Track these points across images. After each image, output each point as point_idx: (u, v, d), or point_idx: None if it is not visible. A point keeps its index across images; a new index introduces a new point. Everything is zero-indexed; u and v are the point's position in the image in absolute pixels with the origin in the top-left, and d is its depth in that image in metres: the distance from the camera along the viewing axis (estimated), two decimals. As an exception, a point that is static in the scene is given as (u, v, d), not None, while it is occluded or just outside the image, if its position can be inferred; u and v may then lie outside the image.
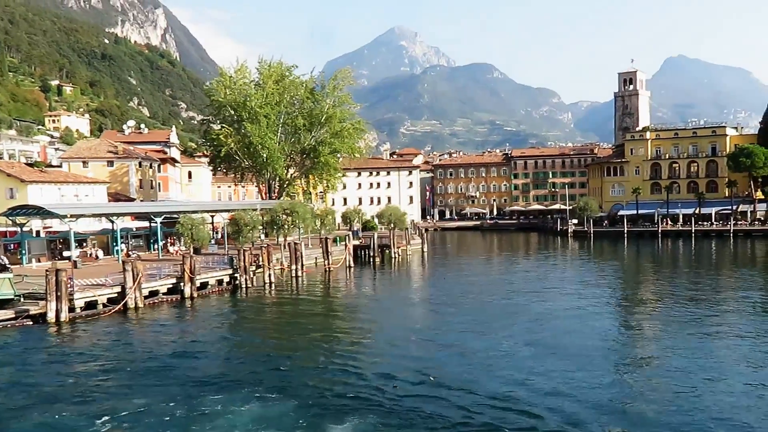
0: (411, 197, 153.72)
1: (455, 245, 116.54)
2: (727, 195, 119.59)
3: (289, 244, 64.92)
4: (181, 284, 48.66)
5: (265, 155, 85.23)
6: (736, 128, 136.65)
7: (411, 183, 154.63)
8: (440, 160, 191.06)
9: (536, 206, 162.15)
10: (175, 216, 66.25)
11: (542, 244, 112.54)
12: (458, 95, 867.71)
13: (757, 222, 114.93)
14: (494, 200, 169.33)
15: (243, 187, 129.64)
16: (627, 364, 31.02)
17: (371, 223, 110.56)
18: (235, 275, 55.16)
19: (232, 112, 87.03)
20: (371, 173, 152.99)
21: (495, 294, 53.61)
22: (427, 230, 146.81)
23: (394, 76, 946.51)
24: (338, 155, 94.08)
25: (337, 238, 78.96)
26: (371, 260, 77.81)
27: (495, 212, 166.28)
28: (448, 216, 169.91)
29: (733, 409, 23.73)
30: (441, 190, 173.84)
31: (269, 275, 57.80)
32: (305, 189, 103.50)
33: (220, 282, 54.32)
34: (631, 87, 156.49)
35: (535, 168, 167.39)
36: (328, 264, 68.02)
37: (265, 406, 24.80)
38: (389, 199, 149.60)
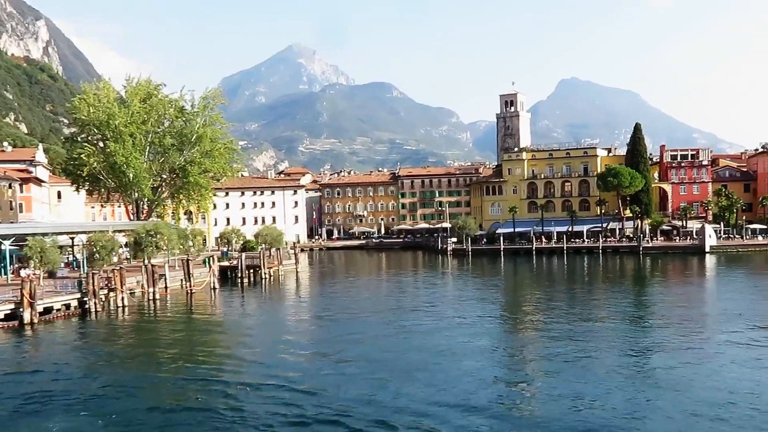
0: (296, 217, 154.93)
1: (336, 265, 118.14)
2: (598, 213, 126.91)
3: (146, 266, 64.47)
4: (20, 309, 47.82)
5: (131, 175, 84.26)
6: (610, 149, 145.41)
7: (296, 202, 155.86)
8: (329, 179, 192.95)
9: (423, 225, 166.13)
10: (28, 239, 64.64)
11: (423, 262, 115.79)
12: (358, 114, 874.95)
13: (624, 239, 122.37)
14: (382, 219, 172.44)
15: (119, 207, 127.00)
16: (499, 369, 33.26)
17: (251, 244, 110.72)
18: (85, 299, 54.53)
19: (96, 131, 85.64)
20: (255, 193, 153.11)
21: (360, 312, 55.18)
22: (312, 250, 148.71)
23: (292, 94, 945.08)
24: (210, 175, 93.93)
25: (206, 259, 79.03)
26: (240, 281, 78.28)
27: (383, 231, 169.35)
28: (336, 235, 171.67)
29: (607, 414, 25.80)
30: (329, 210, 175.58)
31: (122, 299, 57.40)
32: (175, 210, 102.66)
33: (67, 306, 53.55)
34: (512, 109, 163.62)
35: (422, 187, 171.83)
36: (190, 286, 68.01)
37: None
38: (274, 218, 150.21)
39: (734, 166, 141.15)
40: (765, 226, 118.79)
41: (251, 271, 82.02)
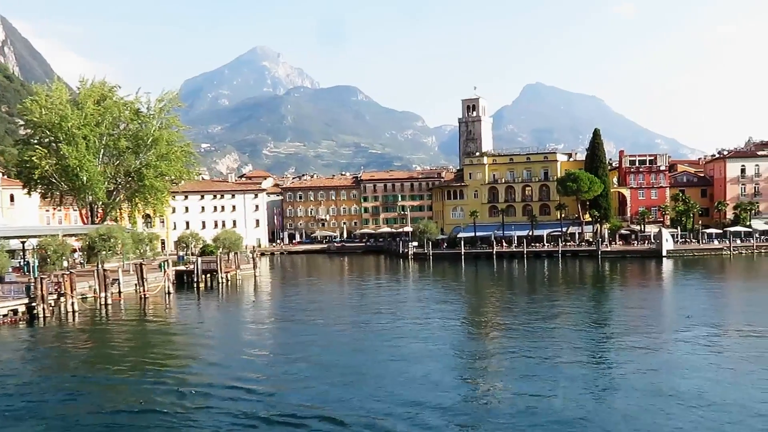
0: (258, 221, 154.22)
1: (297, 269, 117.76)
2: (558, 218, 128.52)
3: (97, 270, 63.73)
4: (-39, 315, 47.01)
5: (84, 178, 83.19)
6: (570, 154, 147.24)
7: (257, 206, 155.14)
8: (292, 182, 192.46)
9: (386, 229, 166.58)
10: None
11: (384, 266, 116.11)
12: (323, 117, 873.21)
13: (584, 243, 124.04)
14: (345, 223, 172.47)
15: (75, 210, 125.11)
16: (459, 371, 33.26)
17: (210, 248, 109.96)
18: (33, 304, 53.74)
19: (48, 133, 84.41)
20: (216, 196, 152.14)
21: (316, 316, 55.43)
22: (273, 254, 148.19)
23: (256, 97, 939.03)
24: (167, 178, 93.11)
25: (162, 263, 78.37)
26: (196, 286, 77.74)
27: (345, 235, 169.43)
28: (298, 239, 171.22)
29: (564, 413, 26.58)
30: (291, 214, 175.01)
31: (72, 304, 56.66)
32: (131, 213, 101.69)
33: (15, 312, 52.74)
34: (474, 113, 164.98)
35: (384, 191, 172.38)
36: (144, 291, 67.36)
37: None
38: (234, 222, 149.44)
39: (692, 172, 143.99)
40: (720, 231, 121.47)
41: (208, 275, 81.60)
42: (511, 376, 32.91)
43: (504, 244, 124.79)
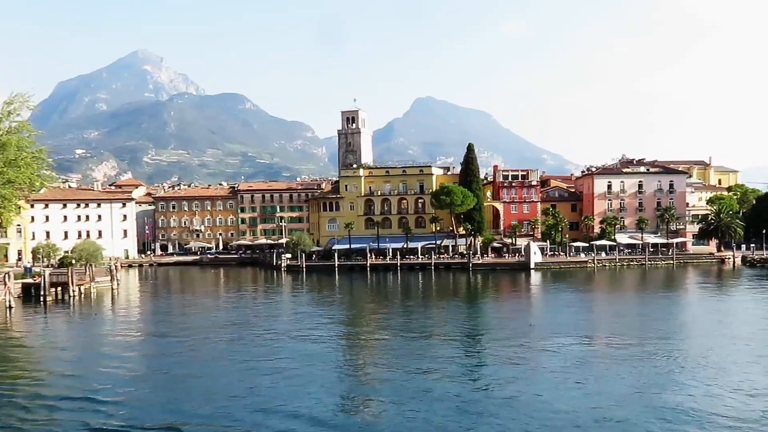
0: (125, 231, 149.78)
1: (164, 281, 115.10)
2: (432, 230, 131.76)
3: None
4: None
5: None
6: (448, 168, 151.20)
7: (125, 216, 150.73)
8: (166, 192, 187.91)
9: (263, 240, 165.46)
10: None
11: (256, 278, 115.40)
12: (208, 125, 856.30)
13: (457, 256, 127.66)
14: (221, 234, 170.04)
15: None
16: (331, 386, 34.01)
17: (68, 259, 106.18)
18: None
19: None
20: (80, 205, 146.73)
21: (172, 330, 54.94)
22: (141, 266, 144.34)
23: (137, 102, 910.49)
24: (16, 186, 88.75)
25: (5, 275, 74.98)
26: (43, 299, 74.79)
27: (221, 246, 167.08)
28: (171, 250, 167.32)
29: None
30: (164, 224, 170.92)
31: None
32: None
33: None
34: (354, 125, 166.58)
35: (262, 202, 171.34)
36: (-21, 304, 64.35)
37: None
38: (100, 233, 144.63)
39: (564, 187, 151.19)
40: (587, 244, 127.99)
41: (59, 288, 78.73)
42: (383, 391, 33.78)
43: (378, 256, 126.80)
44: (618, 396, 31.81)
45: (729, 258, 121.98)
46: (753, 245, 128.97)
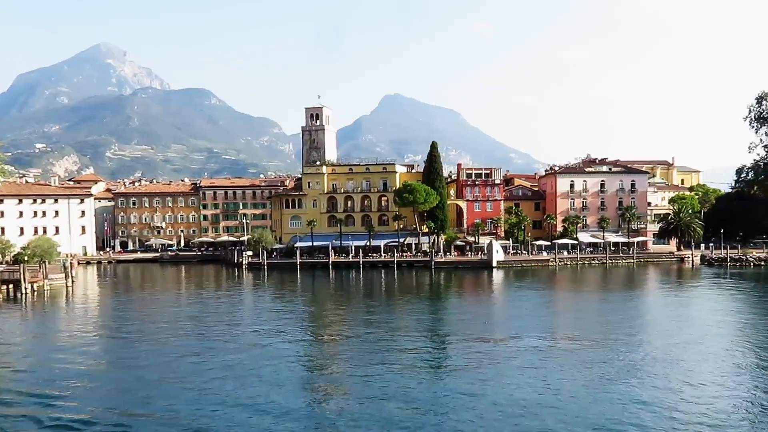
0: (84, 227, 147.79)
1: (122, 279, 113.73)
2: (396, 228, 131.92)
3: None
4: None
5: None
6: (412, 166, 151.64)
7: (83, 212, 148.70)
8: (127, 188, 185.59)
9: (226, 237, 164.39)
10: None
11: (217, 276, 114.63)
12: (173, 120, 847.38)
13: (420, 254, 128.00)
14: (182, 231, 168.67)
15: None
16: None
17: (22, 255, 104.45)
18: None
19: None
20: (36, 201, 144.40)
21: (124, 329, 54.25)
22: (100, 263, 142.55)
23: (99, 96, 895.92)
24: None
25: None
26: (-7, 297, 73.65)
27: (183, 243, 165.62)
28: (131, 247, 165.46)
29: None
30: (123, 220, 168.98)
31: None
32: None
33: None
34: (318, 122, 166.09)
35: (225, 198, 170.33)
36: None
37: None
38: (57, 229, 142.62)
39: (527, 186, 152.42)
40: (549, 243, 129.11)
41: (11, 285, 77.49)
42: (339, 382, 34.59)
43: (340, 254, 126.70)
44: (572, 390, 32.61)
45: (688, 257, 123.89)
46: (712, 245, 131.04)
